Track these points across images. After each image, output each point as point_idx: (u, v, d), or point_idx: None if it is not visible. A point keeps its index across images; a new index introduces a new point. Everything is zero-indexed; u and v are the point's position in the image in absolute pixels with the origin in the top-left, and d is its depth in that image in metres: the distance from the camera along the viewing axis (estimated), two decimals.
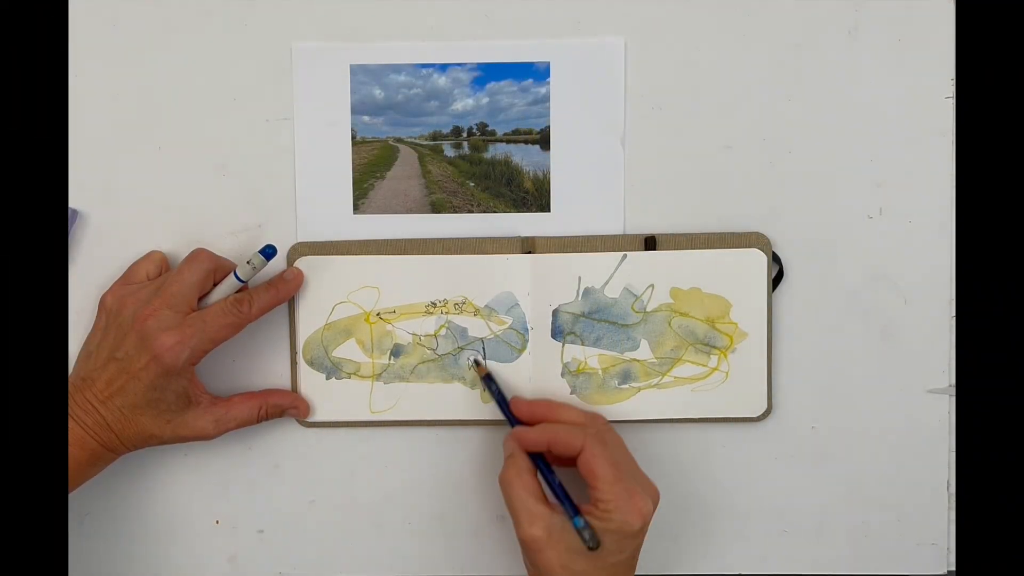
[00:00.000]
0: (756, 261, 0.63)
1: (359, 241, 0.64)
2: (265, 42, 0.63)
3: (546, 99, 0.63)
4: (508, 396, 0.62)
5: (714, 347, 0.64)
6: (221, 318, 0.59)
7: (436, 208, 0.64)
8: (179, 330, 0.57)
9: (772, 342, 0.64)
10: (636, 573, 0.66)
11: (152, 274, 0.62)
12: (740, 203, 0.64)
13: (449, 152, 0.64)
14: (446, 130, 0.64)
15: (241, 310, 0.59)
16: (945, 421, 0.65)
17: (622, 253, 0.63)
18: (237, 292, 0.60)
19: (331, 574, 0.66)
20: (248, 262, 0.59)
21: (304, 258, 0.63)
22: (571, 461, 0.58)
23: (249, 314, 0.59)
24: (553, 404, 0.62)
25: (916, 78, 0.63)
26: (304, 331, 0.64)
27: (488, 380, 0.63)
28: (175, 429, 0.60)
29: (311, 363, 0.64)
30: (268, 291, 0.61)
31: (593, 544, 0.55)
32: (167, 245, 0.64)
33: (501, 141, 0.64)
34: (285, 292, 0.62)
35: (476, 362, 0.64)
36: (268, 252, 0.59)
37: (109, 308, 0.60)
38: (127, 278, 0.62)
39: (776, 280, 0.64)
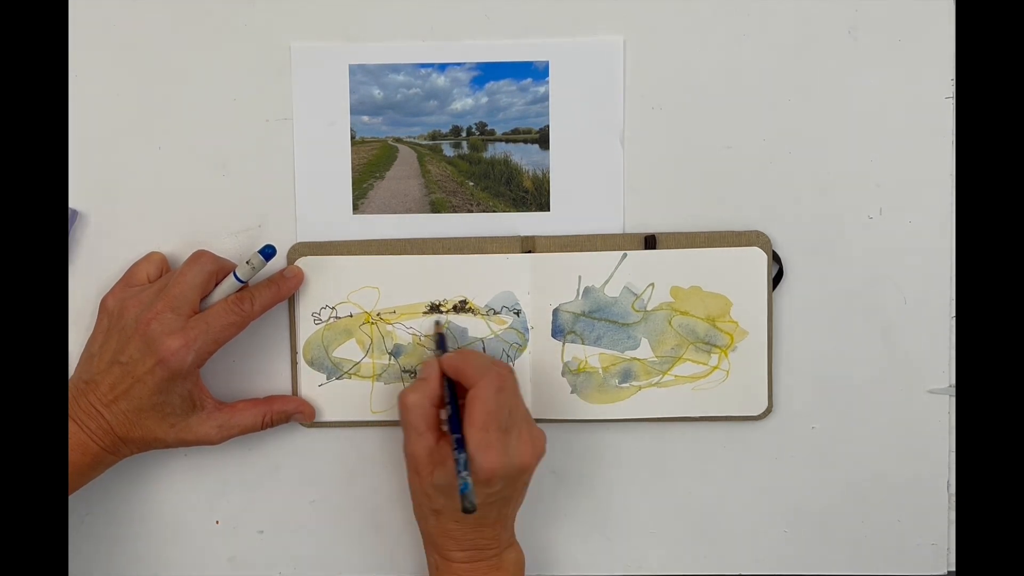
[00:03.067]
0: (756, 260, 0.63)
1: (359, 241, 0.64)
2: (264, 42, 0.63)
3: (545, 98, 0.63)
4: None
5: (715, 346, 0.64)
6: (224, 318, 0.59)
7: (436, 208, 0.64)
8: (183, 333, 0.57)
9: (772, 341, 0.64)
10: (631, 572, 0.66)
11: (153, 275, 0.62)
12: (740, 203, 0.64)
13: (448, 152, 0.64)
14: (445, 130, 0.64)
15: (243, 308, 0.59)
16: (945, 421, 0.65)
17: (622, 252, 0.63)
18: (237, 292, 0.60)
19: (331, 574, 0.66)
20: (248, 262, 0.59)
21: (304, 258, 0.63)
22: None
23: (251, 312, 0.59)
24: (470, 351, 0.63)
25: (916, 78, 0.63)
26: (304, 331, 0.64)
27: (441, 339, 0.63)
28: (179, 433, 0.60)
29: (311, 363, 0.64)
30: (269, 288, 0.61)
31: (470, 507, 0.53)
32: (167, 245, 0.64)
33: (500, 140, 0.64)
34: (286, 289, 0.62)
35: (437, 322, 0.63)
36: (267, 252, 0.59)
37: (111, 311, 0.60)
38: (128, 280, 0.62)
39: (776, 279, 0.64)
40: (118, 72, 0.63)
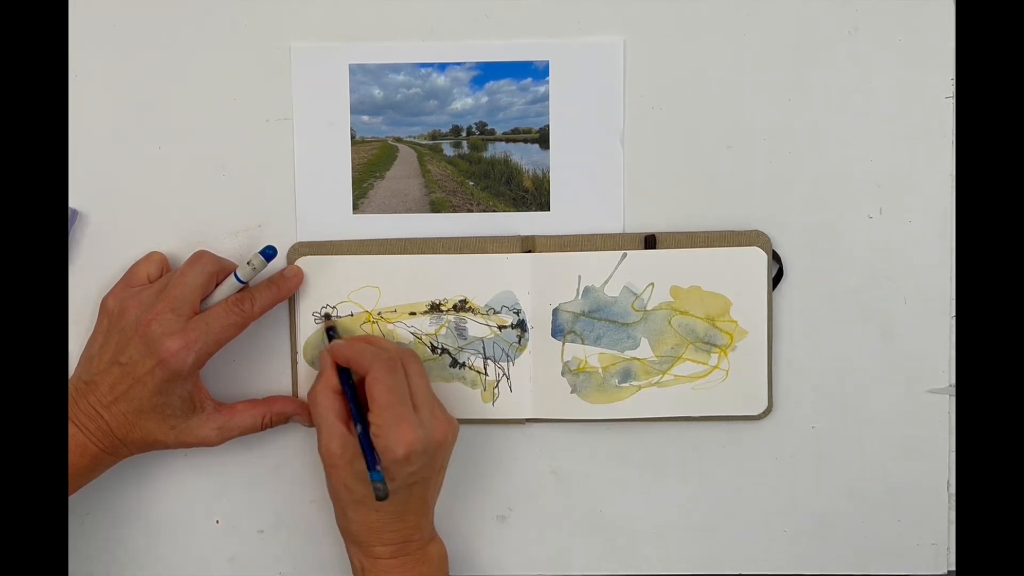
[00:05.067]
0: (756, 259, 0.63)
1: (359, 241, 0.64)
2: (264, 42, 0.63)
3: (545, 98, 0.63)
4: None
5: (714, 345, 0.64)
6: (224, 318, 0.58)
7: (436, 207, 0.64)
8: (183, 334, 0.57)
9: (772, 341, 0.64)
10: (631, 572, 0.66)
11: (153, 275, 0.62)
12: (740, 202, 0.64)
13: (448, 151, 0.64)
14: (445, 129, 0.64)
15: (243, 309, 0.59)
16: (945, 421, 0.65)
17: (622, 252, 0.63)
18: (237, 293, 0.60)
19: (331, 574, 0.66)
20: (248, 263, 0.59)
21: (304, 258, 0.63)
22: None
23: (251, 312, 0.59)
24: (371, 336, 0.63)
25: (916, 78, 0.63)
26: (304, 331, 0.64)
27: (330, 332, 0.63)
28: (179, 435, 0.60)
29: (311, 363, 0.64)
30: (269, 288, 0.61)
31: (382, 495, 0.54)
32: (167, 245, 0.64)
33: (500, 140, 0.64)
34: (286, 289, 0.62)
35: (327, 316, 0.63)
36: (268, 253, 0.59)
37: (111, 311, 0.60)
38: (128, 280, 0.62)
39: (776, 279, 0.64)
40: (118, 72, 0.63)
